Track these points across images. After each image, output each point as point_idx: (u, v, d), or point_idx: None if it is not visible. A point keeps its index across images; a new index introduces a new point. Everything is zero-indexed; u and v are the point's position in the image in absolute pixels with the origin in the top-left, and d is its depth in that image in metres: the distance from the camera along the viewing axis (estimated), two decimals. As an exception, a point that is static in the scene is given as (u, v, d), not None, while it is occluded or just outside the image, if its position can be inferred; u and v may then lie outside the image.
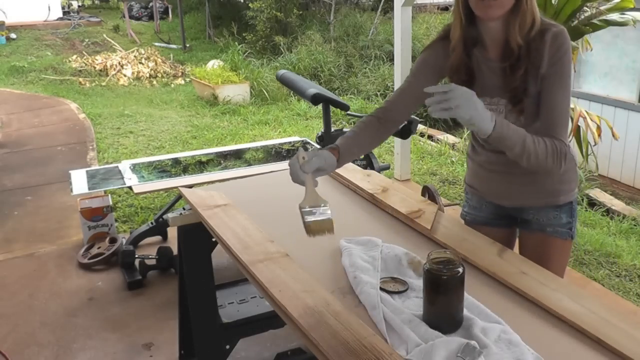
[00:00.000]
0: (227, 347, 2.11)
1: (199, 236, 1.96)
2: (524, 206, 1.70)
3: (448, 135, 6.48)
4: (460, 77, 1.54)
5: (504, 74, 1.50)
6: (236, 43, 9.09)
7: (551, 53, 1.45)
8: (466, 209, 1.87)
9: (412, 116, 2.80)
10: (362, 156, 3.24)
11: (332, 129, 3.22)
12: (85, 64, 9.49)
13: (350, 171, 2.07)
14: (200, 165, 3.28)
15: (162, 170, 3.20)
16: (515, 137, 1.40)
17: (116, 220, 3.85)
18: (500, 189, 1.72)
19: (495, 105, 1.54)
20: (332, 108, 3.20)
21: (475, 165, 1.76)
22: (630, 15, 3.32)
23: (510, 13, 1.44)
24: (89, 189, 2.99)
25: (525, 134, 1.42)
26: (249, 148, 3.54)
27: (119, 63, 9.30)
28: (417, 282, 1.37)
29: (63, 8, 13.57)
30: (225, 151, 3.50)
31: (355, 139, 1.60)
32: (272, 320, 2.13)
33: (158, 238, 3.60)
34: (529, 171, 1.53)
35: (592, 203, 4.94)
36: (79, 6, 14.66)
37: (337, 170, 2.06)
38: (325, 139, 3.19)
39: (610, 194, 5.30)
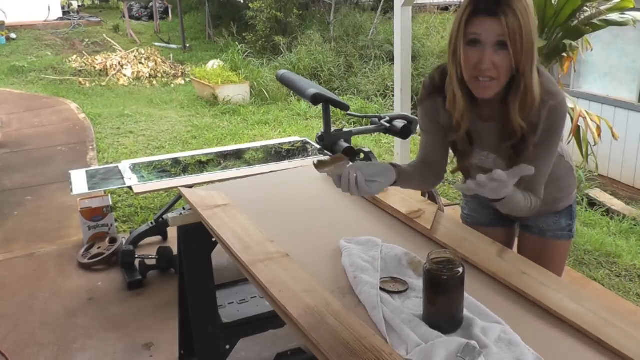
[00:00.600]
0: (227, 347, 2.11)
1: (199, 236, 1.96)
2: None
3: (448, 135, 6.46)
4: (464, 143, 1.52)
5: (502, 138, 1.48)
6: (236, 43, 9.10)
7: (546, 127, 1.40)
8: (466, 211, 1.87)
9: (412, 116, 2.80)
10: (362, 156, 3.24)
11: (332, 129, 3.22)
12: (85, 64, 9.49)
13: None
14: (200, 165, 3.28)
15: (162, 170, 3.20)
16: (519, 201, 1.43)
17: (116, 220, 3.85)
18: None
19: (493, 161, 1.54)
20: (332, 108, 3.20)
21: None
22: (630, 15, 3.32)
23: (509, 92, 1.37)
24: (89, 189, 2.99)
25: (519, 196, 1.43)
26: (249, 148, 3.54)
27: (119, 63, 9.30)
28: (417, 282, 1.37)
29: (63, 8, 13.58)
30: (225, 151, 3.50)
31: (413, 172, 1.57)
32: (272, 320, 2.13)
33: (158, 238, 3.60)
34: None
35: (592, 203, 4.94)
36: (79, 6, 14.66)
37: (337, 170, 2.07)
38: (325, 139, 3.18)
39: (610, 194, 5.30)
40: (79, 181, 3.07)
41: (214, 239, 1.88)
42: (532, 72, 1.32)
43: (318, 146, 3.22)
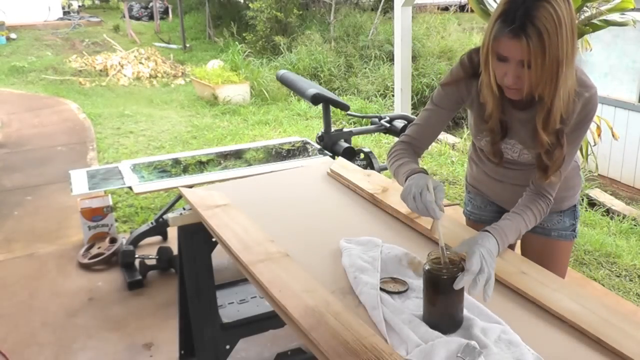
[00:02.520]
0: (227, 347, 2.11)
1: (199, 236, 1.96)
2: None
3: (448, 135, 6.47)
4: (496, 133, 1.52)
5: (532, 146, 1.50)
6: (236, 43, 9.10)
7: (579, 118, 1.43)
8: (469, 208, 1.87)
9: (412, 116, 2.80)
10: (362, 156, 3.24)
11: (332, 129, 3.22)
12: (86, 64, 9.50)
13: (350, 171, 2.07)
14: (200, 165, 3.28)
15: (162, 170, 3.20)
16: (515, 236, 1.46)
17: (116, 220, 3.85)
18: (504, 196, 1.72)
19: (519, 152, 1.56)
20: (332, 108, 3.20)
21: (480, 172, 1.76)
22: (630, 15, 3.32)
23: (536, 105, 1.39)
24: (89, 189, 2.98)
25: (520, 225, 1.46)
26: (249, 148, 3.54)
27: (119, 63, 9.30)
28: (417, 282, 1.37)
29: (63, 8, 13.59)
30: (225, 151, 3.49)
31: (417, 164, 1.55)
32: (272, 320, 2.13)
33: (158, 238, 3.60)
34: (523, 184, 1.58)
35: (592, 203, 4.94)
36: (79, 6, 14.67)
37: (337, 170, 2.07)
38: (325, 139, 3.19)
39: (610, 194, 5.30)
40: (79, 181, 3.07)
41: (214, 239, 1.88)
42: (556, 90, 1.32)
43: (318, 146, 3.22)
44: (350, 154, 3.07)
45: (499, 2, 1.32)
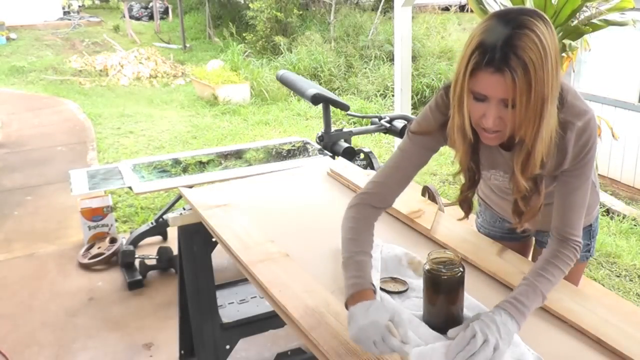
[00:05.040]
0: (227, 347, 2.11)
1: (199, 236, 1.96)
2: (541, 230, 1.64)
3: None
4: (465, 180, 1.37)
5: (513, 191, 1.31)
6: (236, 43, 9.09)
7: (576, 151, 1.25)
8: (480, 220, 1.81)
9: (412, 116, 2.80)
10: (362, 156, 3.24)
11: (332, 129, 3.22)
12: (86, 64, 9.49)
13: (350, 171, 2.07)
14: (201, 165, 3.28)
15: (162, 170, 3.20)
16: (538, 300, 1.22)
17: (116, 220, 3.85)
18: (510, 213, 1.47)
19: (504, 179, 1.40)
20: (332, 108, 3.20)
21: (486, 187, 1.62)
22: (630, 15, 3.32)
23: (514, 149, 1.23)
24: (89, 189, 2.98)
25: (541, 291, 1.22)
26: (249, 148, 3.53)
27: (119, 63, 9.30)
28: (417, 282, 1.37)
29: (63, 8, 13.59)
30: (225, 151, 3.49)
31: (370, 247, 1.32)
32: (272, 320, 2.13)
33: (158, 238, 3.60)
34: (546, 202, 1.34)
35: (592, 203, 4.94)
36: (79, 6, 14.67)
37: (337, 170, 2.07)
38: (325, 139, 3.19)
39: (610, 194, 5.30)
40: (79, 181, 3.07)
41: (214, 239, 1.88)
42: (538, 132, 1.14)
43: (318, 146, 3.22)
44: (350, 154, 3.07)
45: (473, 33, 1.14)
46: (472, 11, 3.71)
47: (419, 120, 1.38)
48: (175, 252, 3.04)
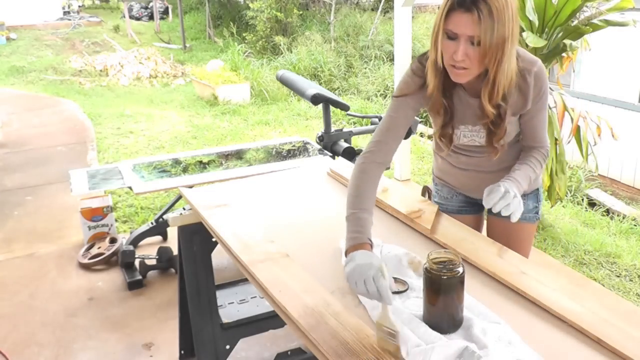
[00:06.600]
0: (227, 347, 2.11)
1: (199, 236, 1.96)
2: None
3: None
4: (441, 117, 1.61)
5: (479, 117, 1.57)
6: (236, 43, 9.09)
7: (535, 92, 1.55)
8: (437, 199, 1.94)
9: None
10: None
11: (332, 129, 3.22)
12: (86, 64, 9.50)
13: (350, 171, 2.07)
14: (201, 165, 3.28)
15: (162, 170, 3.20)
16: (526, 182, 1.57)
17: (116, 220, 3.85)
18: (469, 185, 1.81)
19: (477, 132, 1.63)
20: (332, 108, 3.20)
21: (444, 163, 1.84)
22: (630, 15, 3.33)
23: (480, 81, 1.48)
24: (89, 189, 2.98)
25: (528, 172, 1.60)
26: (249, 148, 3.53)
27: (119, 63, 9.30)
28: (417, 282, 1.37)
29: (63, 8, 13.59)
30: (225, 151, 3.49)
31: (372, 204, 1.48)
32: (272, 320, 2.13)
33: (158, 238, 3.60)
34: (497, 168, 1.68)
35: (592, 203, 4.94)
36: (79, 6, 14.67)
37: (337, 170, 2.07)
38: (325, 139, 3.19)
39: (610, 194, 5.30)
40: (79, 181, 3.07)
41: (214, 239, 1.88)
42: (500, 65, 1.41)
43: (318, 146, 3.22)
44: (350, 154, 3.07)
45: None
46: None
47: (399, 85, 1.62)
48: (175, 252, 3.04)
